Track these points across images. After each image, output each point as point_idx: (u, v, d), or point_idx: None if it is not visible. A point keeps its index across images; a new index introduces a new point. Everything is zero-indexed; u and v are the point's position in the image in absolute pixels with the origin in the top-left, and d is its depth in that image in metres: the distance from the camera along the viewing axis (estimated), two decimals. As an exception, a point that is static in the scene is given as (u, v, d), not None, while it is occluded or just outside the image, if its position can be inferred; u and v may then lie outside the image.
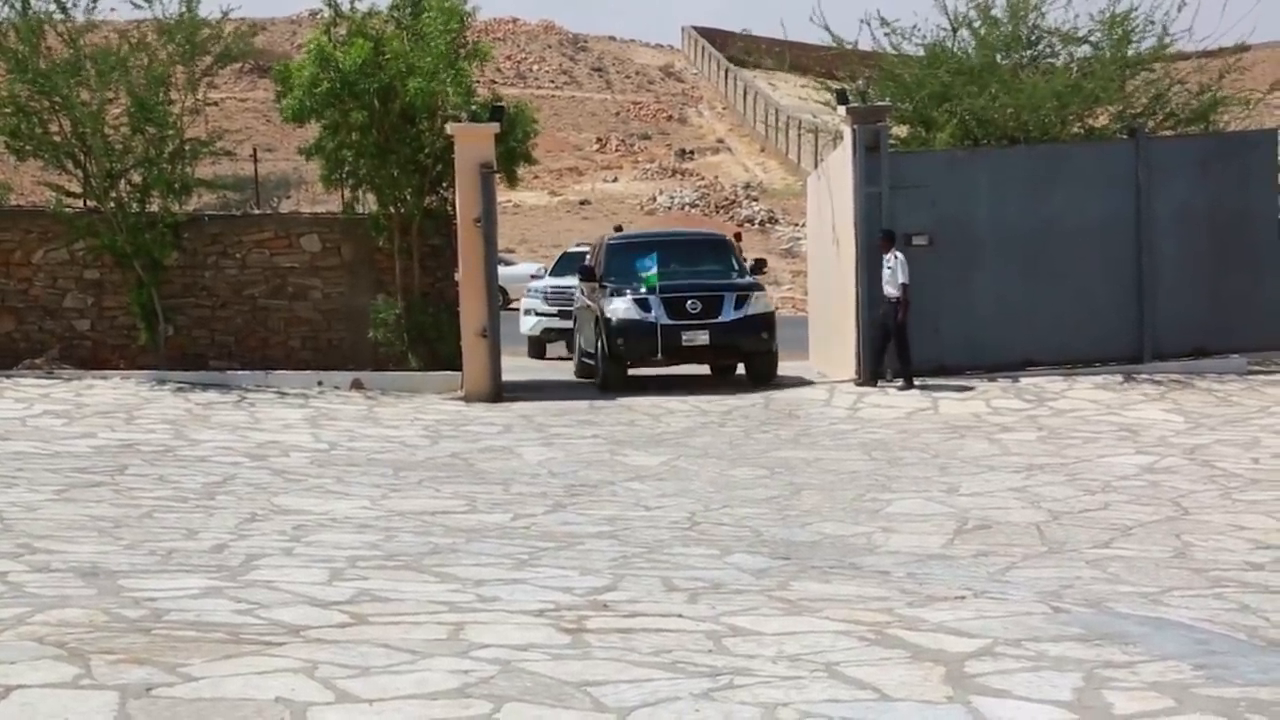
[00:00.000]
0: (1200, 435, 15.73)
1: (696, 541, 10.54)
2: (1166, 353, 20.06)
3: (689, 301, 19.30)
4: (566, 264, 27.10)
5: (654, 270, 18.93)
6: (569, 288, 24.92)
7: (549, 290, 26.69)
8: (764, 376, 19.70)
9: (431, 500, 12.23)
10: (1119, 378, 19.29)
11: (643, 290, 19.24)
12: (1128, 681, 6.67)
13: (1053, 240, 19.92)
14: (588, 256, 22.35)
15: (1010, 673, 6.80)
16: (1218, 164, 20.36)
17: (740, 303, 19.42)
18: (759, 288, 20.01)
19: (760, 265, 21.54)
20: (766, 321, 19.55)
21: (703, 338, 19.24)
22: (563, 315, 25.47)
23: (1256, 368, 20.00)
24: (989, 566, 9.82)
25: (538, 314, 26.74)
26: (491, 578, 8.82)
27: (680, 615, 7.89)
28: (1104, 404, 17.86)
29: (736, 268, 20.76)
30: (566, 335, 25.33)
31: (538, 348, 26.78)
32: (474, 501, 12.16)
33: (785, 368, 22.05)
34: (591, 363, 20.46)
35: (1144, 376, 19.33)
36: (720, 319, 19.33)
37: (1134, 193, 20.08)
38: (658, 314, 19.17)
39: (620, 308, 19.32)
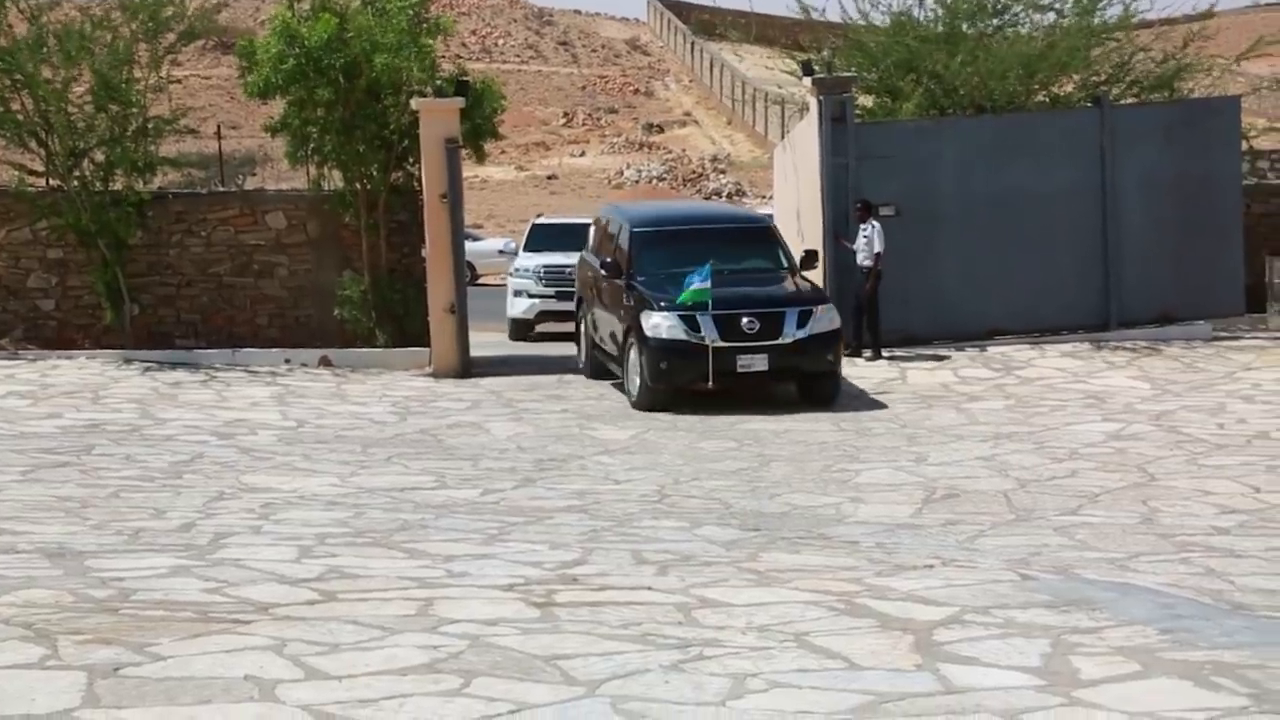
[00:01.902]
0: (1166, 402, 15.81)
1: (666, 514, 10.56)
2: (1133, 320, 20.15)
3: (745, 320, 15.89)
4: (541, 238, 25.51)
5: (708, 285, 15.53)
6: (565, 266, 23.39)
7: (542, 270, 24.50)
8: (825, 400, 16.22)
9: (400, 476, 12.21)
10: (1086, 345, 19.37)
11: (689, 303, 15.87)
12: (1095, 647, 6.71)
13: (1019, 209, 19.96)
14: (591, 239, 19.19)
15: (978, 640, 6.83)
16: (1182, 131, 20.42)
17: (804, 320, 16.00)
18: (823, 298, 16.71)
19: (812, 259, 17.90)
20: (833, 341, 16.24)
21: (760, 362, 15.88)
22: (560, 297, 23.39)
23: (1222, 334, 20.10)
24: (957, 535, 9.86)
25: (530, 295, 24.53)
26: (461, 553, 8.81)
27: (650, 588, 7.91)
28: (1071, 372, 17.93)
29: (786, 262, 17.38)
30: (565, 318, 23.78)
31: (523, 329, 24.69)
32: (443, 477, 12.14)
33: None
34: (615, 369, 17.22)
35: (1111, 344, 19.42)
36: (781, 340, 15.93)
37: (1099, 161, 20.14)
38: (709, 334, 15.80)
39: (663, 326, 15.91)
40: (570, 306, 23.62)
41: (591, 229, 19.04)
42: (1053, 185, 20.06)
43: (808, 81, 20.15)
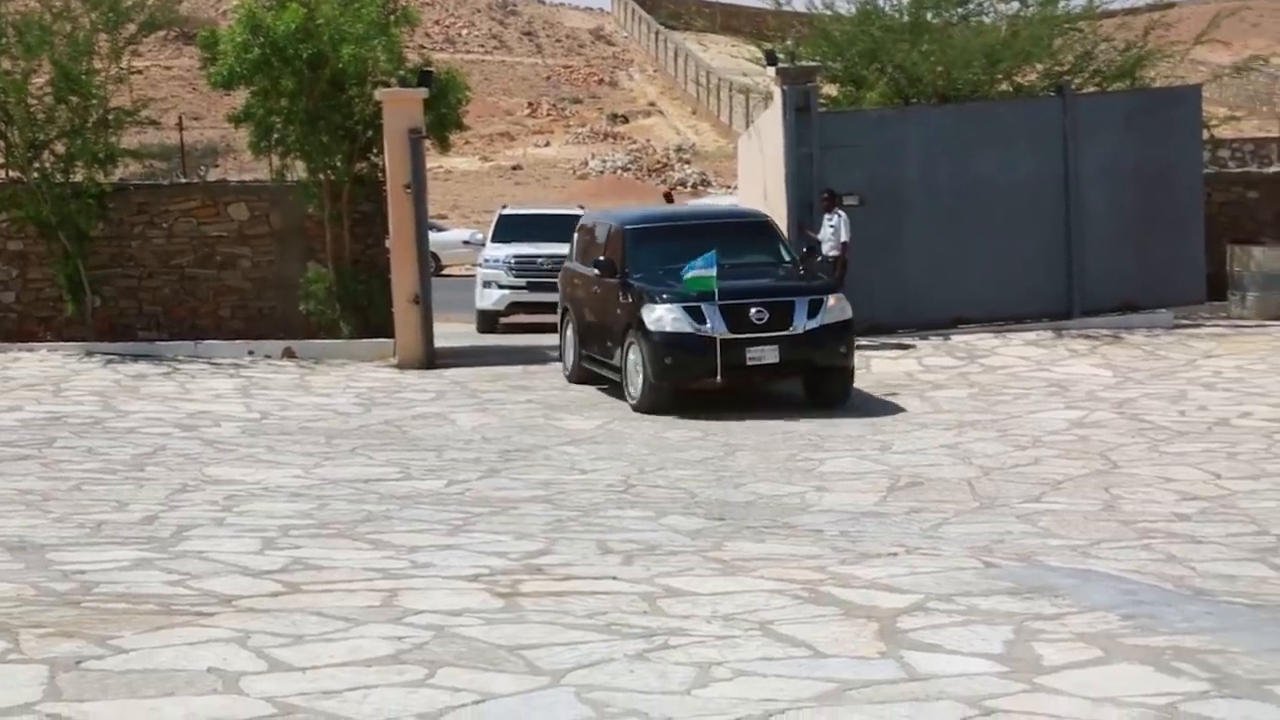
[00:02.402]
0: (1128, 389, 15.90)
1: (631, 504, 10.56)
2: (1095, 308, 20.25)
3: (753, 310, 14.89)
4: (509, 229, 24.99)
5: (713, 272, 14.56)
6: (535, 257, 23.45)
7: (513, 260, 24.03)
8: (837, 397, 15.29)
9: (365, 468, 12.18)
10: (1049, 334, 19.45)
11: (693, 294, 14.98)
12: (1057, 633, 6.74)
13: (982, 198, 20.03)
14: (574, 249, 18.19)
15: (942, 627, 6.86)
16: (1143, 120, 20.52)
17: (814, 309, 15.05)
18: (833, 288, 15.87)
19: (814, 251, 17.36)
20: (845, 331, 15.26)
21: (770, 355, 14.89)
22: (532, 288, 23.43)
23: (1183, 321, 20.22)
24: (921, 523, 9.89)
25: (500, 286, 24.02)
26: (425, 544, 8.80)
27: (615, 577, 7.91)
28: (1034, 360, 18.01)
29: (788, 257, 16.54)
30: (536, 310, 23.38)
31: (490, 322, 24.27)
32: (408, 468, 12.12)
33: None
34: (611, 375, 16.12)
35: (1073, 332, 19.51)
36: (792, 330, 14.91)
37: (1062, 150, 20.22)
38: (715, 326, 14.76)
39: (666, 319, 14.92)
40: (542, 297, 23.29)
41: (575, 238, 18.10)
42: (1016, 174, 20.13)
43: (772, 71, 20.17)
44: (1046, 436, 13.35)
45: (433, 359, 18.87)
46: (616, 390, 15.91)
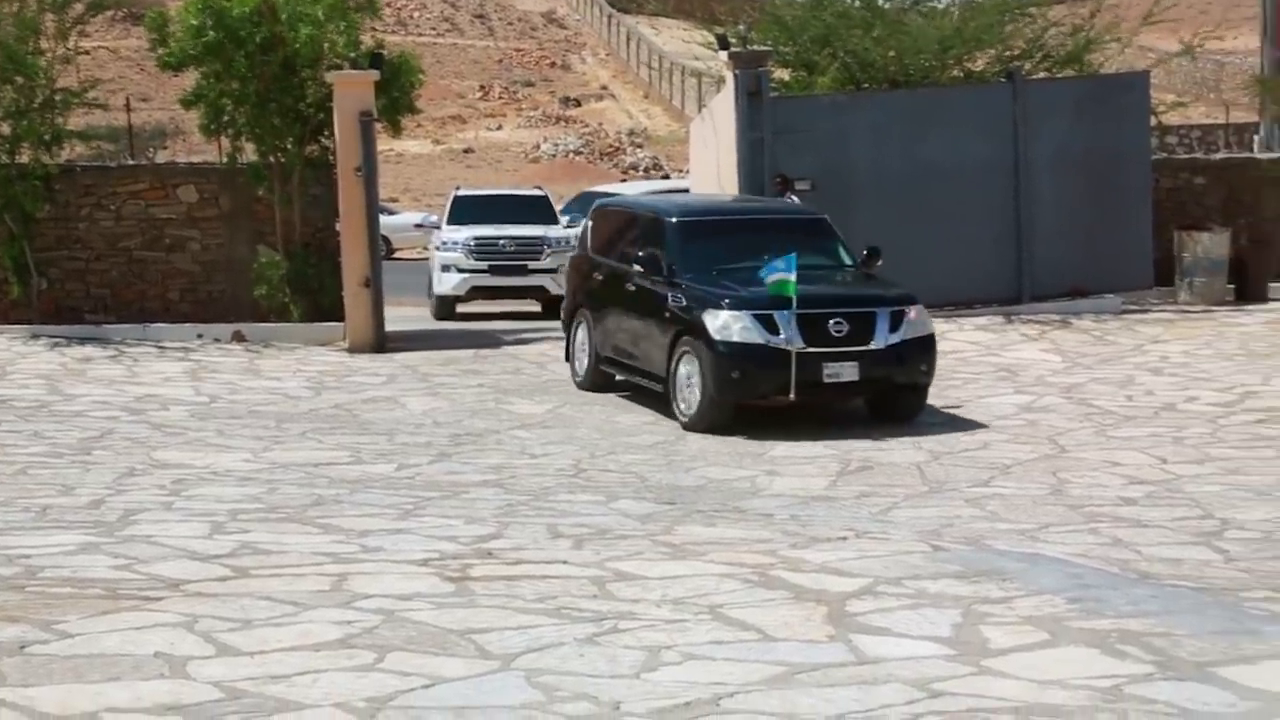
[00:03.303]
0: (1077, 374, 16.01)
1: (582, 488, 10.57)
2: (1044, 294, 20.36)
3: (832, 321, 13.20)
4: (465, 210, 23.98)
5: (793, 276, 12.88)
6: (497, 239, 22.84)
7: (473, 242, 22.97)
8: (908, 415, 13.65)
9: (315, 452, 12.13)
10: (999, 319, 19.55)
11: (763, 300, 13.23)
12: (1004, 617, 6.80)
13: (933, 184, 20.08)
14: (587, 238, 16.19)
15: (891, 611, 6.91)
16: (1092, 106, 20.62)
17: (896, 322, 13.42)
18: (913, 298, 13.90)
19: (875, 254, 14.84)
20: (928, 347, 13.67)
21: (849, 372, 13.18)
22: (494, 271, 22.82)
23: (1131, 307, 20.37)
24: (870, 507, 9.94)
25: (460, 270, 22.97)
26: (376, 528, 8.78)
27: (565, 561, 7.92)
28: (984, 345, 18.10)
29: (849, 260, 14.76)
30: (497, 295, 22.96)
31: (448, 308, 23.21)
32: (358, 452, 12.08)
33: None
34: (648, 384, 14.31)
35: (1023, 317, 19.62)
36: (873, 345, 13.24)
37: (1012, 136, 20.29)
38: (790, 337, 13.01)
39: (734, 327, 13.13)
40: (504, 281, 23.01)
41: (590, 225, 16.11)
42: (966, 160, 20.19)
43: (724, 55, 20.16)
44: (995, 421, 13.43)
45: (383, 343, 18.79)
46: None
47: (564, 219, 24.01)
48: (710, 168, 21.14)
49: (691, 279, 13.83)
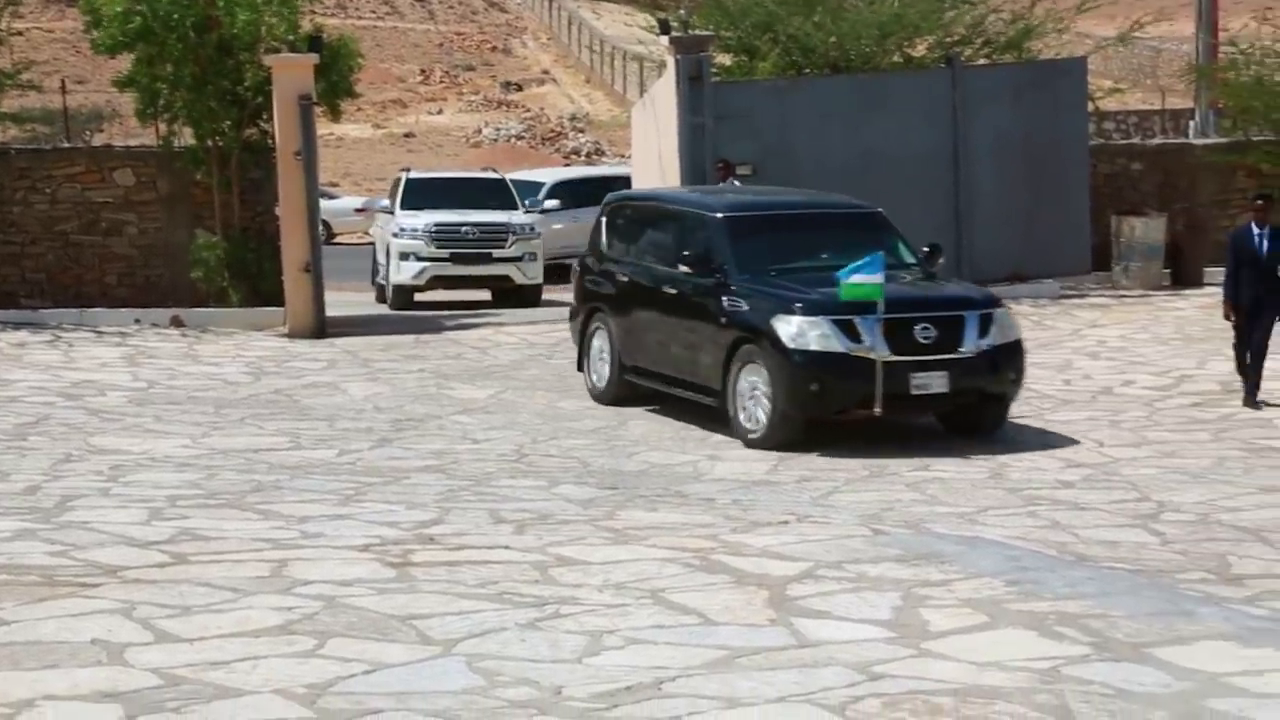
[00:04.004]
0: (1016, 359, 16.09)
1: (524, 474, 10.55)
2: (983, 279, 20.32)
3: (919, 327, 11.83)
4: (419, 195, 22.58)
5: (880, 278, 11.56)
6: (459, 225, 21.60)
7: (434, 229, 21.67)
8: (991, 427, 12.27)
9: (254, 437, 12.05)
10: (938, 304, 19.61)
11: (836, 303, 11.78)
12: (943, 599, 6.85)
13: (874, 169, 20.13)
14: (601, 235, 14.59)
15: (831, 594, 6.94)
16: (1031, 92, 20.75)
17: (985, 327, 12.03)
18: (998, 300, 12.70)
19: (937, 251, 13.44)
20: (1017, 353, 12.31)
21: (939, 382, 11.78)
22: (456, 260, 21.55)
23: (1069, 292, 20.53)
24: (812, 491, 9.99)
25: (420, 259, 21.65)
26: (316, 514, 8.74)
27: (507, 547, 7.91)
28: (924, 330, 18.17)
29: (912, 258, 13.25)
30: (458, 284, 21.90)
31: (406, 298, 21.90)
32: (298, 438, 12.01)
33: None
34: (698, 398, 12.73)
35: (962, 303, 19.69)
36: (962, 353, 11.86)
37: (951, 121, 20.39)
38: (875, 344, 11.62)
39: (811, 334, 11.68)
40: (467, 270, 21.73)
41: (604, 221, 14.56)
42: (907, 145, 20.27)
43: (665, 40, 20.15)
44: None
45: (324, 328, 18.68)
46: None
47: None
48: (653, 153, 21.14)
49: (748, 280, 12.34)
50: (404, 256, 21.76)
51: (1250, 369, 12.78)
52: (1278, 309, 12.75)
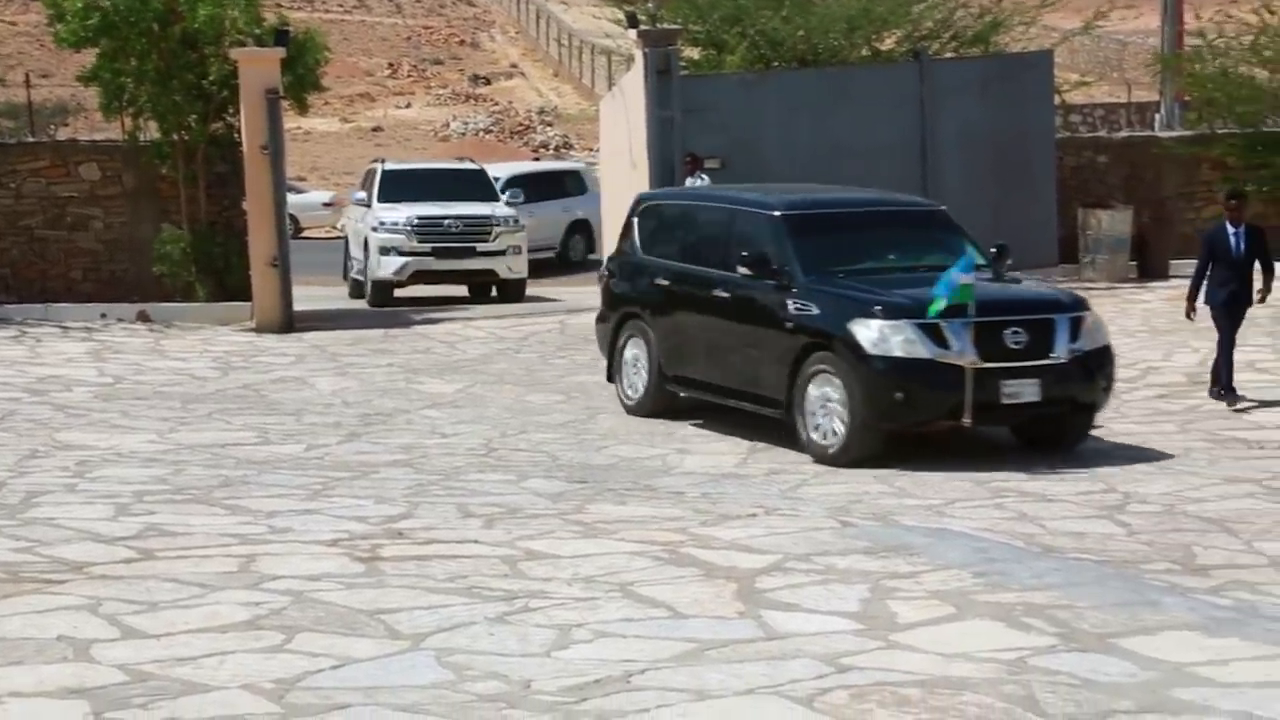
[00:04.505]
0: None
1: (493, 468, 10.54)
2: (951, 272, 20.52)
3: (1009, 331, 10.95)
4: (397, 187, 22.03)
5: (972, 279, 10.72)
6: (441, 218, 21.20)
7: (416, 222, 21.16)
8: (1075, 440, 11.41)
9: (222, 432, 12.00)
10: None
11: (919, 306, 10.88)
12: (911, 591, 6.87)
13: (842, 162, 20.14)
14: (634, 236, 13.63)
15: (800, 586, 6.96)
16: (998, 85, 20.81)
17: (1076, 331, 11.19)
18: (1086, 302, 11.78)
19: (1004, 252, 12.44)
20: (1109, 360, 11.47)
21: (1030, 390, 10.89)
22: (439, 254, 21.04)
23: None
24: (780, 484, 10.00)
25: (402, 253, 21.07)
26: (284, 509, 8.71)
27: (476, 541, 7.91)
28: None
29: (981, 259, 11.89)
30: (439, 279, 21.40)
31: (386, 293, 21.32)
32: (266, 433, 11.97)
33: (583, 293, 22.08)
34: (759, 409, 11.79)
35: (930, 295, 19.74)
36: (1053, 359, 10.99)
37: (919, 114, 20.44)
38: (964, 349, 10.73)
39: (894, 339, 10.80)
40: (449, 265, 21.11)
41: (633, 221, 13.68)
42: (874, 137, 20.30)
43: (633, 34, 20.15)
44: (903, 398, 13.52)
45: (291, 322, 18.62)
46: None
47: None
48: (621, 146, 21.14)
49: (815, 283, 11.44)
50: (384, 251, 21.18)
51: (1225, 366, 12.68)
52: (1248, 305, 12.75)
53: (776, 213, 12.17)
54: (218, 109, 19.70)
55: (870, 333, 10.87)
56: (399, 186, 22.16)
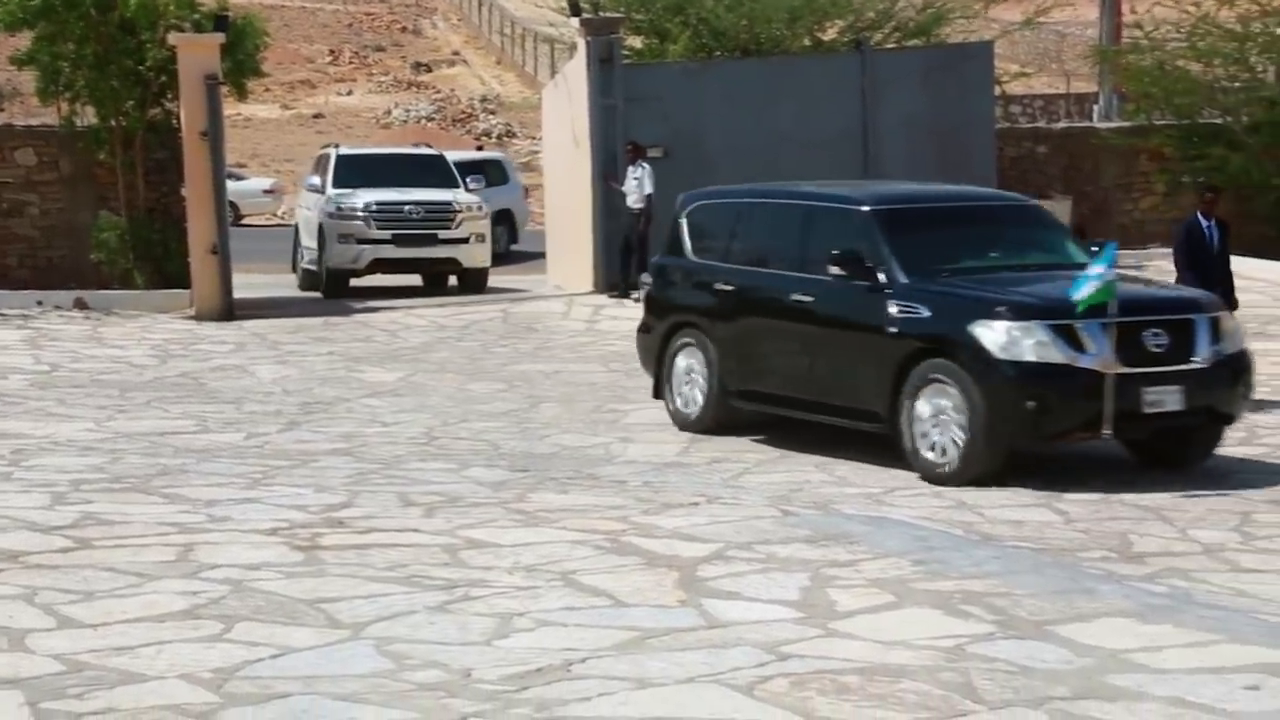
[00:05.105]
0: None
1: (434, 456, 10.51)
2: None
3: (1149, 332, 9.87)
4: (353, 172, 21.18)
5: (1113, 274, 9.66)
6: (401, 204, 20.41)
7: (375, 208, 20.34)
8: (1200, 456, 10.39)
9: (160, 421, 11.91)
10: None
11: (1051, 305, 9.89)
12: (851, 579, 6.91)
13: (783, 152, 20.22)
14: (683, 239, 12.35)
15: (741, 575, 6.98)
16: (938, 76, 20.94)
17: (1216, 333, 10.14)
18: (1221, 303, 10.79)
19: (1094, 240, 11.96)
20: (1248, 366, 10.37)
21: (1173, 399, 9.84)
22: (399, 242, 20.27)
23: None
24: (723, 473, 10.03)
25: (360, 241, 20.26)
26: (223, 497, 8.66)
27: (417, 530, 7.88)
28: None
29: (1082, 258, 10.65)
30: (399, 268, 20.79)
31: (340, 283, 20.55)
32: (205, 421, 11.89)
33: (523, 281, 22.05)
34: (832, 420, 10.81)
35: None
36: (1194, 363, 9.92)
37: (860, 104, 20.54)
38: (1102, 353, 9.65)
39: (1024, 343, 9.66)
40: (410, 253, 20.41)
41: (683, 223, 12.42)
42: (816, 127, 20.38)
43: (576, 22, 20.14)
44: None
45: (231, 310, 18.51)
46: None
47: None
48: (565, 134, 21.12)
49: (920, 283, 10.29)
50: (342, 239, 20.35)
51: None
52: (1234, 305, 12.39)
53: (865, 208, 11.00)
54: (156, 95, 19.57)
55: (997, 335, 9.69)
56: (355, 171, 21.30)
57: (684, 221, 12.48)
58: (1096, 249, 10.13)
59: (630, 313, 18.32)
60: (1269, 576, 7.26)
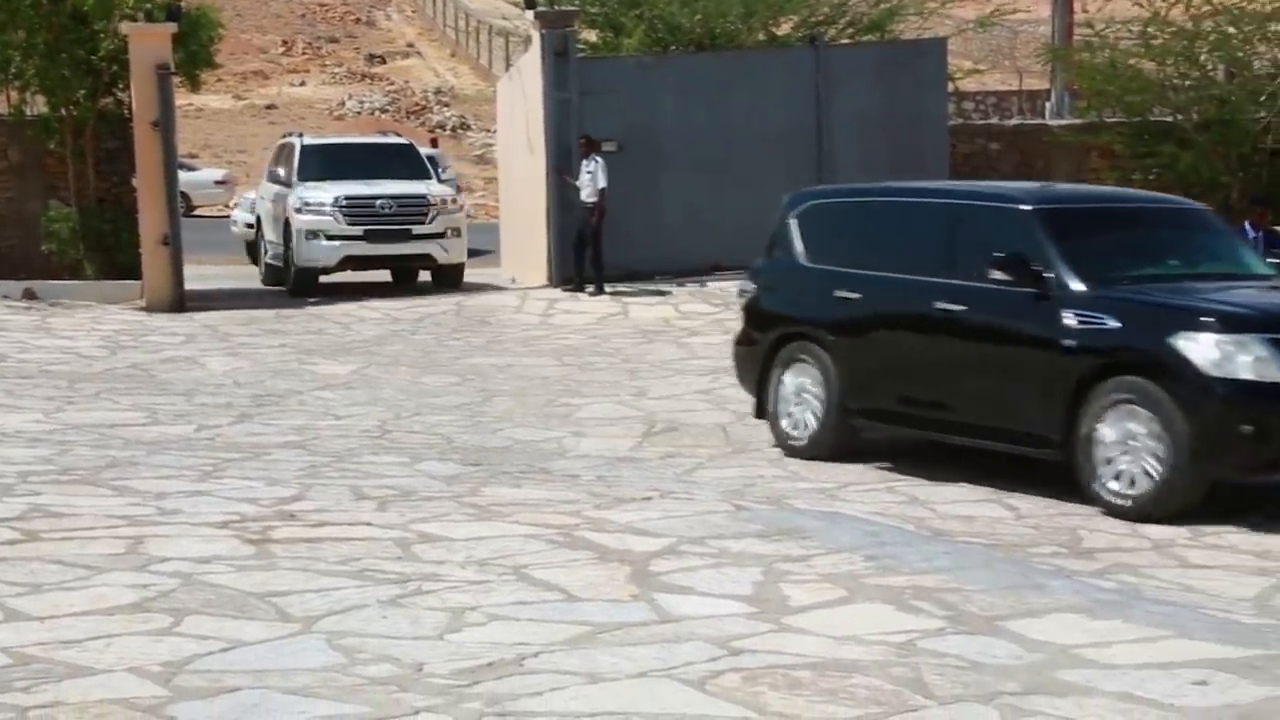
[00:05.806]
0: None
1: (387, 450, 10.48)
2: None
3: None
4: (319, 164, 20.48)
5: None
6: (373, 199, 19.71)
7: (345, 202, 19.65)
8: None
9: (110, 412, 11.82)
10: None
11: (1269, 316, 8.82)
12: (804, 574, 6.93)
13: (738, 146, 20.29)
14: (798, 221, 11.21)
15: (694, 570, 6.99)
16: (892, 72, 21.02)
17: None
18: None
19: None
20: None
21: None
22: (371, 238, 19.63)
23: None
24: (675, 468, 10.03)
25: (330, 237, 19.60)
26: (173, 490, 8.60)
27: (369, 523, 7.85)
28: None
29: (1258, 268, 10.21)
30: (369, 265, 20.33)
31: (310, 281, 19.89)
32: (155, 413, 11.81)
33: (477, 275, 21.99)
34: (992, 445, 9.58)
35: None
36: None
37: (814, 100, 20.59)
38: None
39: (1239, 359, 8.49)
40: (383, 249, 19.83)
41: (793, 225, 11.25)
42: (770, 123, 20.44)
43: (531, 15, 20.10)
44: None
45: (182, 301, 18.39)
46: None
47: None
48: (519, 127, 21.09)
49: (1100, 291, 9.13)
50: (311, 235, 19.62)
51: None
52: None
53: (1026, 207, 9.81)
54: (108, 84, 19.43)
55: (1207, 350, 8.53)
56: (321, 163, 20.56)
57: (793, 222, 11.31)
58: None
59: (584, 306, 18.33)
60: (1217, 573, 7.33)
